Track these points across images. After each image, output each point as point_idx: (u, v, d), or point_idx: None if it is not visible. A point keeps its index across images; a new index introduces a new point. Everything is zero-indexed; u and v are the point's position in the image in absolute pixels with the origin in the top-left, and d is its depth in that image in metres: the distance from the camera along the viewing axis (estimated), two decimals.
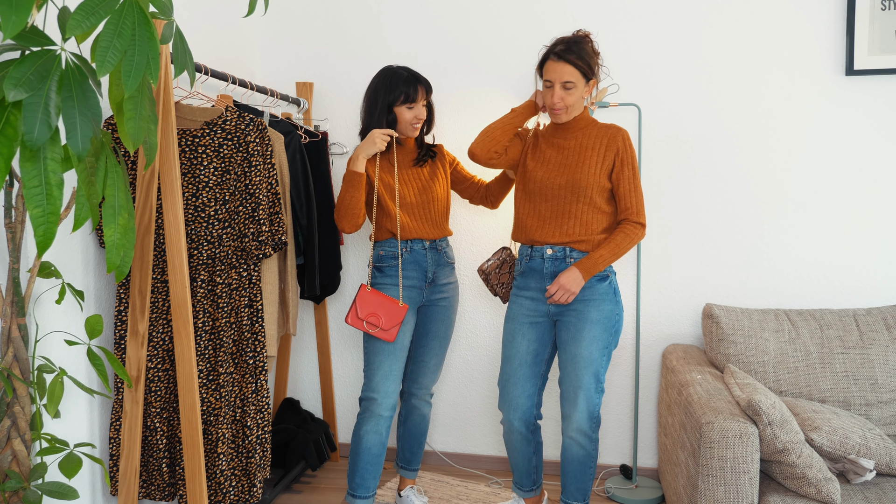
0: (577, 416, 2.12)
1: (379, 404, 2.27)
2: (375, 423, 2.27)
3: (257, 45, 3.07)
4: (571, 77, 2.06)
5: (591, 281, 2.12)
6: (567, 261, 2.13)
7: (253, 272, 2.15)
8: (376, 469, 2.29)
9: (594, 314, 2.11)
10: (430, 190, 2.36)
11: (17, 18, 1.12)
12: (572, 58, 2.05)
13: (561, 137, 2.18)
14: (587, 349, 2.10)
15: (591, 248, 2.13)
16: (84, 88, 1.28)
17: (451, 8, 2.87)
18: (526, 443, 2.25)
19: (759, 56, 2.62)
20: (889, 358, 2.31)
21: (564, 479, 2.21)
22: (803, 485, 1.87)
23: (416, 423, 2.49)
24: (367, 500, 2.30)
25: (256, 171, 2.11)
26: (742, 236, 2.68)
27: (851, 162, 2.58)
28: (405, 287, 2.32)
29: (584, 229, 2.13)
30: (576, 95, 2.09)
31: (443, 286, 2.40)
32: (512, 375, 2.21)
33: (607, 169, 2.11)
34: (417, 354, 2.45)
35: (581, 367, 2.10)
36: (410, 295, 2.33)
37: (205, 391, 2.12)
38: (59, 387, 1.62)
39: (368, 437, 2.27)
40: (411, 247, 2.32)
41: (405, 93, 2.26)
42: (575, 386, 2.11)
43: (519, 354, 2.19)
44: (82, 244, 1.99)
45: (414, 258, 2.32)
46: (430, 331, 2.42)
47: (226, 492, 2.12)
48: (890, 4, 2.47)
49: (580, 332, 2.10)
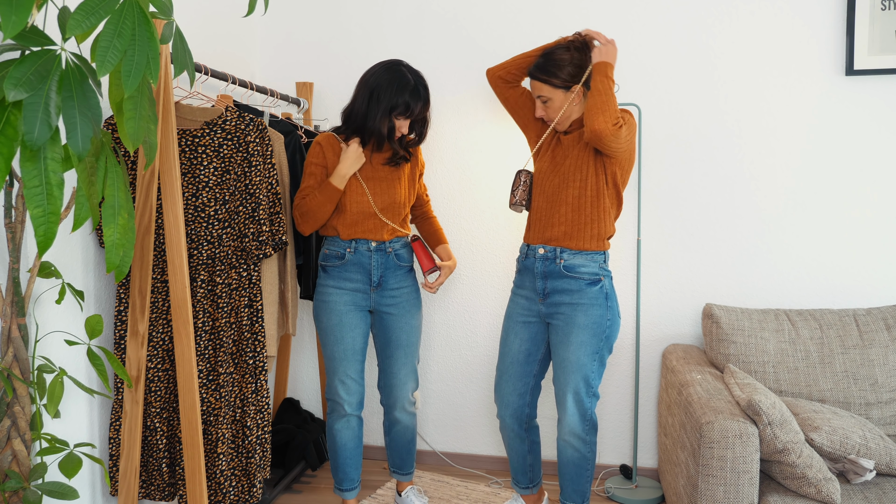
0: (567, 418, 2.13)
1: (344, 406, 2.28)
2: (346, 420, 2.30)
3: (257, 44, 3.07)
4: (542, 92, 2.10)
5: (581, 284, 2.08)
6: (557, 261, 2.10)
7: (253, 272, 2.15)
8: (356, 461, 2.35)
9: (581, 319, 2.07)
10: (391, 192, 2.26)
11: (17, 18, 1.12)
12: (541, 76, 2.08)
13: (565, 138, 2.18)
14: (574, 354, 2.08)
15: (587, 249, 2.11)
16: (84, 88, 1.28)
17: (450, 8, 2.87)
18: (519, 440, 2.26)
19: (759, 56, 2.62)
20: (889, 358, 2.31)
21: (562, 481, 2.22)
22: (803, 485, 1.87)
23: (400, 433, 2.44)
24: (352, 491, 2.38)
25: (256, 170, 2.11)
26: (742, 236, 2.68)
27: (852, 162, 2.58)
28: (348, 291, 2.25)
29: (576, 230, 2.10)
30: (554, 107, 2.10)
31: (393, 291, 2.30)
32: (504, 372, 2.23)
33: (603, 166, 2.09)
34: (385, 366, 2.37)
35: (569, 372, 2.10)
36: (355, 300, 2.26)
37: (205, 391, 2.12)
38: (59, 387, 1.62)
39: (342, 434, 2.30)
40: (355, 247, 2.25)
41: (408, 105, 2.17)
42: (564, 390, 2.12)
43: (511, 353, 2.21)
44: (82, 244, 1.99)
45: (358, 259, 2.24)
46: (392, 340, 2.33)
47: (226, 492, 2.12)
48: (890, 4, 2.47)
49: (567, 337, 2.09)
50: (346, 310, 2.25)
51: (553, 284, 2.11)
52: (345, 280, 2.25)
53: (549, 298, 2.13)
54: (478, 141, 2.88)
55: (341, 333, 2.25)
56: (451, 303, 2.96)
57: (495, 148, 2.86)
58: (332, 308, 2.25)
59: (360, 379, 2.30)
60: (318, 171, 2.24)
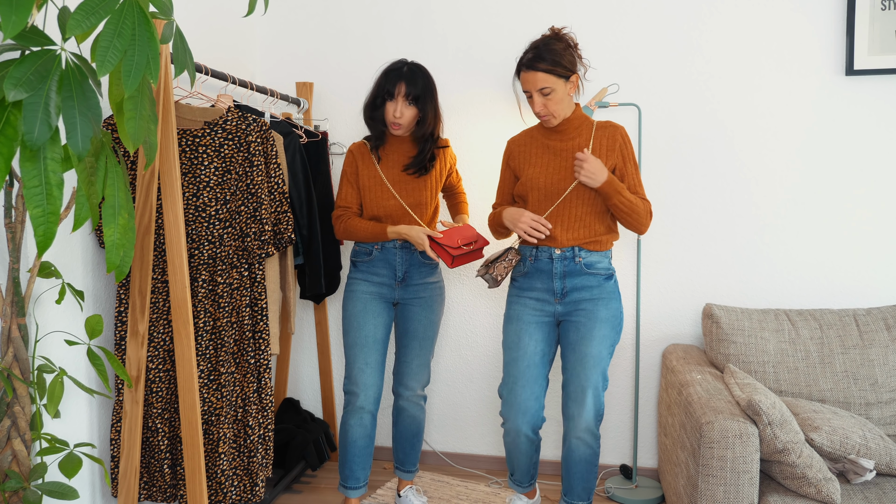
0: (585, 415, 2.10)
1: (359, 397, 2.29)
2: (359, 416, 2.30)
3: (257, 44, 3.07)
4: (546, 83, 2.03)
5: (600, 279, 2.12)
6: (576, 260, 2.12)
7: (256, 271, 2.15)
8: (364, 461, 2.34)
9: (603, 312, 2.11)
10: (417, 193, 2.33)
11: (17, 18, 1.12)
12: (542, 65, 2.02)
13: (557, 140, 2.15)
14: (597, 348, 2.09)
15: (601, 248, 2.13)
16: (84, 88, 1.28)
17: (450, 6, 2.87)
18: (533, 447, 2.23)
19: (759, 56, 2.62)
20: (889, 358, 2.31)
21: (571, 480, 2.18)
22: (803, 485, 1.87)
23: (407, 424, 2.47)
24: (357, 490, 2.37)
25: (258, 170, 2.11)
26: (742, 236, 2.68)
27: (851, 162, 2.58)
28: (374, 284, 2.34)
29: (590, 230, 2.12)
30: (557, 99, 2.06)
31: (418, 286, 2.37)
32: (520, 377, 2.15)
33: (610, 168, 2.10)
34: (400, 355, 2.44)
35: (590, 367, 2.09)
36: (381, 292, 2.34)
37: (206, 391, 2.12)
38: (59, 387, 1.62)
39: (354, 431, 2.31)
40: (382, 245, 2.33)
41: (381, 86, 2.25)
42: (584, 386, 2.09)
43: (527, 355, 2.15)
44: (82, 244, 1.99)
45: (384, 256, 2.33)
46: (409, 330, 2.40)
47: (227, 492, 2.12)
48: (890, 4, 2.47)
49: (591, 332, 2.10)
50: (369, 298, 2.33)
51: (573, 283, 2.12)
52: (372, 274, 2.34)
53: (567, 297, 2.13)
54: (477, 141, 2.88)
55: (364, 320, 2.31)
56: (451, 303, 2.96)
57: (494, 148, 2.86)
58: (357, 296, 2.34)
59: (378, 370, 2.31)
60: (351, 178, 2.36)
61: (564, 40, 2.07)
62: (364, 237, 2.30)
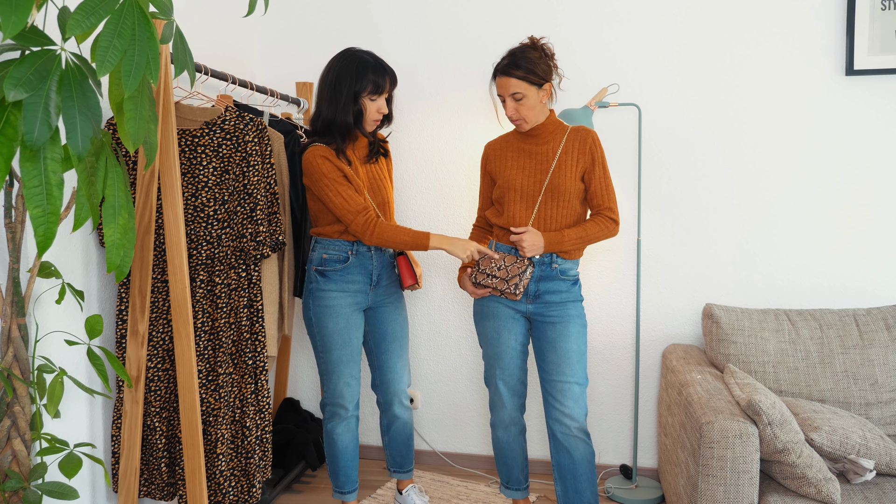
0: (576, 413, 2.11)
1: (345, 408, 2.28)
2: (346, 423, 2.30)
3: (257, 44, 3.07)
4: (518, 88, 2.09)
5: (569, 284, 2.16)
6: (552, 266, 2.15)
7: (252, 272, 2.15)
8: (355, 463, 2.36)
9: (573, 311, 2.16)
10: (383, 190, 2.28)
11: (17, 18, 1.12)
12: (516, 72, 2.08)
13: (532, 143, 2.19)
14: (576, 342, 2.13)
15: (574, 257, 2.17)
16: (84, 88, 1.28)
17: (447, 7, 2.87)
18: (522, 436, 2.27)
19: (759, 56, 2.62)
20: (889, 358, 2.31)
21: (578, 486, 2.14)
22: (803, 485, 1.87)
23: (400, 430, 2.43)
24: (354, 493, 2.38)
25: (255, 170, 2.11)
26: (742, 236, 2.68)
27: (851, 162, 2.58)
28: (350, 293, 2.22)
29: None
30: (529, 105, 2.10)
31: (386, 287, 2.32)
32: (505, 369, 2.21)
33: (581, 171, 2.15)
34: (382, 361, 2.35)
35: (573, 362, 2.12)
36: (357, 301, 2.24)
37: (204, 391, 2.12)
38: (59, 387, 1.62)
39: (343, 438, 2.30)
40: (357, 250, 2.22)
41: (374, 82, 2.12)
42: (570, 381, 2.11)
43: (509, 350, 2.20)
44: (82, 244, 1.99)
45: (360, 262, 2.22)
46: (388, 333, 2.33)
47: (225, 492, 2.12)
48: (890, 4, 2.47)
49: (567, 328, 2.13)
50: (350, 311, 2.23)
51: (546, 286, 2.16)
52: (347, 283, 2.22)
53: (539, 298, 2.16)
54: (475, 141, 2.88)
55: (349, 336, 2.23)
56: (451, 302, 2.96)
57: None
58: (338, 311, 2.20)
59: (359, 378, 2.31)
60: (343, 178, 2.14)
61: (540, 50, 2.12)
62: (403, 245, 2.11)
